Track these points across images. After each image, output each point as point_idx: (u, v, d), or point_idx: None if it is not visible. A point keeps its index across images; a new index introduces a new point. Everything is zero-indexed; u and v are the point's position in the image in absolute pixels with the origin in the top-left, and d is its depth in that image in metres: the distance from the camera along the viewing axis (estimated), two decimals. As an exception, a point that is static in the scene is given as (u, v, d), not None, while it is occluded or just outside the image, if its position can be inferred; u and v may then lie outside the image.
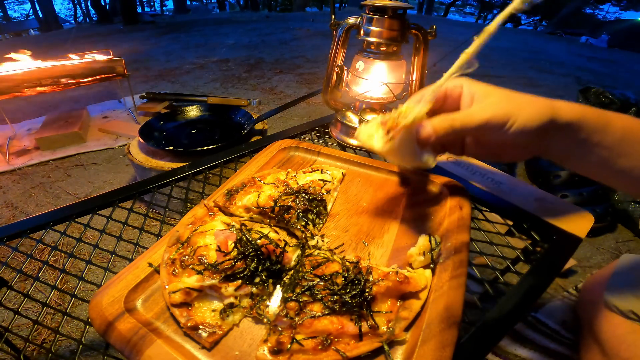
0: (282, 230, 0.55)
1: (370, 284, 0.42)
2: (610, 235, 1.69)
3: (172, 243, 0.49)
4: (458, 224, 0.53)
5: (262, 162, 0.71)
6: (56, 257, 1.42)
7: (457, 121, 0.45)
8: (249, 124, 1.75)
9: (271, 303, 0.44)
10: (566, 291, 1.33)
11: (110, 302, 0.42)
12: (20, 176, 1.99)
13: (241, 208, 0.57)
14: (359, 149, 0.87)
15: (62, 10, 14.95)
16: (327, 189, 0.61)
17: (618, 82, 4.19)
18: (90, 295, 0.44)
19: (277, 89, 3.37)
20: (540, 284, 0.52)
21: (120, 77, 2.30)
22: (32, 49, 2.23)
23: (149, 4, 17.14)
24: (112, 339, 0.39)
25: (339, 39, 0.83)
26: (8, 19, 13.29)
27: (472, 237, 0.57)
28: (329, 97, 0.91)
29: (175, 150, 1.55)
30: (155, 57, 4.44)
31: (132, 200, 0.69)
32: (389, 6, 0.74)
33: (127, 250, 1.34)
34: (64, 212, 0.64)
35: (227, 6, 15.54)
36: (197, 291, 0.43)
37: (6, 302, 0.52)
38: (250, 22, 7.10)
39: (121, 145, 2.28)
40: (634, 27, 8.60)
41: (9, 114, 2.23)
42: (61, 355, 0.83)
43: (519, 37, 7.01)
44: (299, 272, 0.45)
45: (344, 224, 0.58)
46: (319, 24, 6.67)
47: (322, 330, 0.38)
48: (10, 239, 0.60)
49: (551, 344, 1.11)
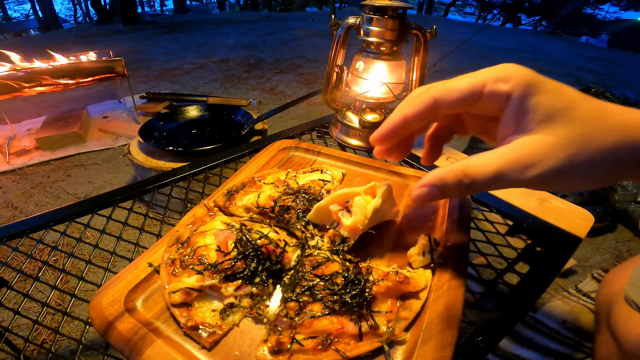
0: (282, 230, 0.55)
1: (370, 284, 0.42)
2: (610, 235, 1.69)
3: (172, 243, 0.49)
4: (458, 224, 0.53)
5: (262, 162, 0.71)
6: (56, 257, 1.42)
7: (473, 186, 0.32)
8: (249, 124, 1.75)
9: (271, 303, 0.44)
10: (566, 291, 1.33)
11: (110, 302, 0.42)
12: (20, 176, 1.99)
13: (241, 208, 0.57)
14: (359, 149, 0.87)
15: (62, 10, 14.96)
16: (327, 189, 0.61)
17: (618, 82, 4.20)
18: (90, 295, 0.44)
19: (277, 89, 3.38)
20: (540, 284, 0.52)
21: (120, 77, 2.30)
22: (32, 49, 2.23)
23: (149, 4, 17.14)
24: (112, 339, 0.39)
25: (339, 39, 0.83)
26: (8, 19, 13.30)
27: (472, 237, 0.57)
28: (329, 97, 0.91)
29: (175, 150, 1.55)
30: (155, 57, 4.44)
31: (132, 200, 0.69)
32: (389, 6, 0.74)
33: (127, 250, 1.34)
34: (64, 212, 0.64)
35: (227, 6, 15.54)
36: (197, 291, 0.43)
37: (6, 302, 0.52)
38: (250, 22, 7.10)
39: (121, 145, 2.29)
40: (634, 27, 8.60)
41: (9, 114, 2.23)
42: (61, 355, 0.83)
43: (519, 37, 7.02)
44: (299, 272, 0.45)
45: (344, 224, 0.58)
46: (319, 24, 6.67)
47: (322, 330, 0.38)
48: (10, 239, 0.59)
49: (551, 344, 1.11)
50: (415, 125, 0.37)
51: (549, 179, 0.30)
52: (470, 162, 0.32)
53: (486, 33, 6.75)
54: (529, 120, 0.30)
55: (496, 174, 0.30)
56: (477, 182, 0.32)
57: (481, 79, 0.32)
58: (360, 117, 0.85)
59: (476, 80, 0.33)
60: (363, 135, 0.87)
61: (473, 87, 0.32)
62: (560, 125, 0.29)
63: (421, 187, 0.35)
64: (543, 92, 0.30)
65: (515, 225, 0.67)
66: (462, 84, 0.33)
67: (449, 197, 0.36)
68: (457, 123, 0.43)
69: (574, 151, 0.29)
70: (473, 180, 0.32)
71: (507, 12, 13.83)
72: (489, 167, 0.31)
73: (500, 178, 0.30)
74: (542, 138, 0.30)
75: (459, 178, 0.32)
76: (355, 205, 0.49)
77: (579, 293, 1.31)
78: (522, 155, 0.30)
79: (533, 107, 0.30)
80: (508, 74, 0.31)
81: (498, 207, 0.68)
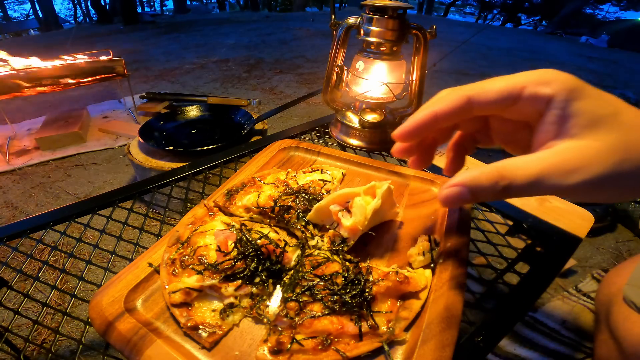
0: (282, 230, 0.55)
1: (370, 284, 0.42)
2: (610, 235, 1.69)
3: (172, 243, 0.49)
4: (458, 224, 0.53)
5: (262, 162, 0.71)
6: (56, 257, 1.42)
7: (509, 190, 0.30)
8: (249, 124, 1.75)
9: (271, 303, 0.44)
10: (566, 291, 1.33)
11: (110, 302, 0.42)
12: (20, 176, 1.99)
13: (241, 208, 0.57)
14: (359, 149, 0.87)
15: (62, 10, 14.96)
16: (327, 189, 0.61)
17: (618, 82, 4.20)
18: (90, 295, 0.44)
19: (277, 89, 3.38)
20: (540, 284, 0.52)
21: (120, 77, 2.30)
22: (32, 49, 2.23)
23: (149, 4, 17.14)
24: (112, 339, 0.39)
25: (339, 39, 0.83)
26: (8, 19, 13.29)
27: (472, 237, 0.57)
28: (329, 97, 0.91)
29: (175, 150, 1.55)
30: (155, 57, 4.44)
31: (132, 200, 0.69)
32: (389, 6, 0.74)
33: (127, 250, 1.34)
34: (64, 212, 0.64)
35: (227, 6, 15.54)
36: (197, 291, 0.43)
37: (6, 302, 0.52)
38: (250, 22, 7.10)
39: (121, 145, 2.29)
40: (634, 27, 8.60)
41: (9, 114, 2.23)
42: (61, 355, 0.83)
43: (519, 37, 7.02)
44: (299, 272, 0.45)
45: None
46: (319, 24, 6.67)
47: (322, 330, 0.38)
48: (10, 239, 0.59)
49: (551, 344, 1.11)
50: (445, 123, 0.35)
51: (593, 186, 0.28)
52: (507, 164, 0.30)
53: (486, 33, 6.76)
54: (573, 125, 0.29)
55: (537, 178, 0.29)
56: (514, 185, 0.29)
57: (521, 81, 0.31)
58: (360, 117, 0.85)
59: (514, 82, 0.32)
60: (363, 135, 0.87)
61: (511, 88, 0.31)
62: (606, 132, 0.28)
63: (451, 186, 0.33)
64: (587, 97, 0.29)
65: (515, 225, 0.67)
66: (499, 84, 0.32)
67: (481, 200, 0.34)
68: (482, 132, 0.41)
69: (620, 158, 0.28)
70: (510, 183, 0.29)
71: (507, 12, 13.83)
72: (529, 170, 0.29)
73: (540, 182, 0.29)
74: (588, 143, 0.29)
75: (494, 180, 0.30)
76: (355, 206, 0.49)
77: (579, 293, 1.31)
78: (566, 159, 0.29)
79: (577, 112, 0.29)
80: (549, 77, 0.30)
81: (498, 207, 0.68)
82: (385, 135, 0.87)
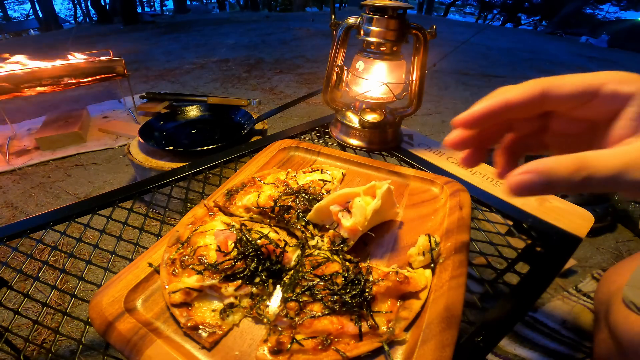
0: (282, 230, 0.55)
1: (370, 284, 0.42)
2: (610, 235, 1.69)
3: (172, 243, 0.49)
4: (458, 224, 0.53)
5: (262, 162, 0.71)
6: (56, 257, 1.42)
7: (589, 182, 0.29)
8: (249, 124, 1.75)
9: (271, 303, 0.44)
10: (566, 291, 1.33)
11: (110, 302, 0.42)
12: (20, 176, 1.99)
13: (241, 208, 0.57)
14: (359, 149, 0.87)
15: (62, 10, 14.95)
16: (327, 189, 0.61)
17: (618, 82, 4.19)
18: (90, 295, 0.44)
19: (277, 89, 3.37)
20: (540, 284, 0.53)
21: (120, 77, 2.30)
22: (32, 49, 2.23)
23: (149, 4, 17.13)
24: (112, 339, 0.39)
25: (339, 39, 0.83)
26: (8, 19, 13.29)
27: (472, 237, 0.57)
28: (329, 97, 0.91)
29: (175, 150, 1.55)
30: (155, 57, 4.44)
31: (132, 200, 0.69)
32: (389, 6, 0.74)
33: (127, 250, 1.34)
34: (64, 212, 0.64)
35: (227, 6, 15.53)
36: (197, 291, 0.43)
37: (6, 302, 0.52)
38: (250, 22, 7.10)
39: (121, 145, 2.28)
40: (634, 27, 8.60)
41: (9, 114, 2.23)
42: (61, 355, 0.83)
43: (519, 37, 7.01)
44: (299, 272, 0.45)
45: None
46: (319, 24, 6.66)
47: (322, 330, 0.38)
48: (10, 239, 0.60)
49: (551, 344, 1.11)
50: (515, 114, 0.34)
51: None
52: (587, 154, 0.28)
53: (486, 33, 6.75)
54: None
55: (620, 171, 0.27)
56: (595, 177, 0.28)
57: (599, 78, 0.31)
58: (360, 117, 0.85)
59: (592, 78, 0.31)
60: (363, 135, 0.87)
61: (589, 84, 0.31)
62: None
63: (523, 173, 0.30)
64: None
65: (515, 225, 0.67)
66: (576, 79, 0.31)
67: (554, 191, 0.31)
68: (535, 136, 0.39)
69: None
70: (591, 174, 0.28)
71: (507, 12, 13.83)
72: (612, 162, 0.28)
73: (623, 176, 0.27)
74: None
75: (574, 169, 0.28)
76: (355, 207, 0.49)
77: (579, 293, 1.31)
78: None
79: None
80: (630, 77, 0.30)
81: (498, 207, 0.68)
82: (385, 135, 0.87)
